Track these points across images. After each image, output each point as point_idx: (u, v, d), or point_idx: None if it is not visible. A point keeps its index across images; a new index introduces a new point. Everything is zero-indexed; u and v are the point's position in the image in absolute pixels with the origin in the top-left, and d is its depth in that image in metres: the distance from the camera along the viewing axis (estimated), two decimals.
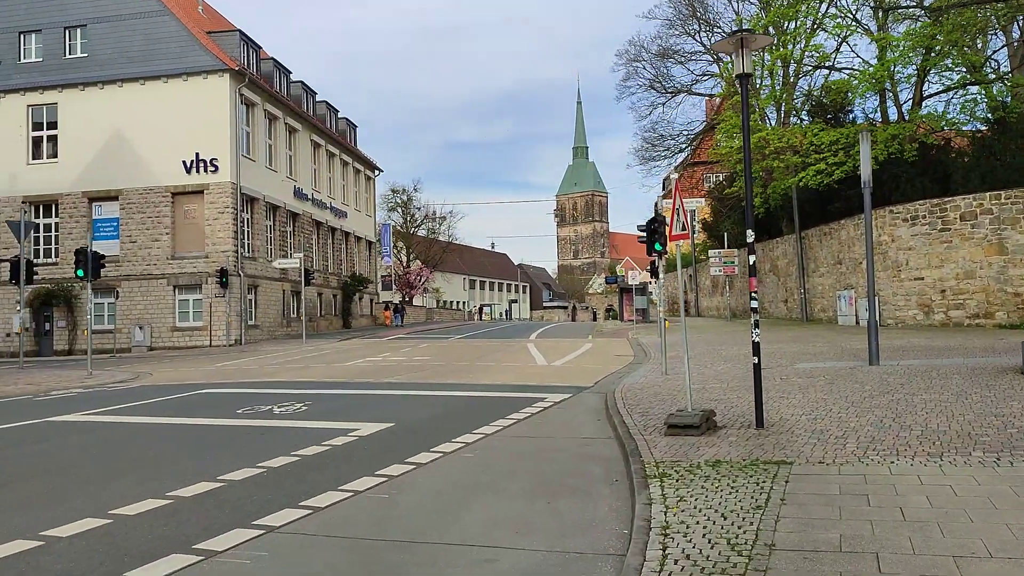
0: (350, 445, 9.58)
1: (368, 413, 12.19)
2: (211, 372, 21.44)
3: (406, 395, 14.47)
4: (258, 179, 37.37)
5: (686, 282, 63.55)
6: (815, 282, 34.99)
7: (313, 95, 47.26)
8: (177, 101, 34.82)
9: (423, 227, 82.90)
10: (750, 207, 9.02)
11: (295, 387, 16.22)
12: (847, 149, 30.38)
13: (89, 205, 35.87)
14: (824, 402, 11.01)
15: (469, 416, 11.76)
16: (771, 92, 34.75)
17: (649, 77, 45.89)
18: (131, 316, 34.91)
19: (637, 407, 11.61)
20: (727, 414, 10.42)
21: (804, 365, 16.68)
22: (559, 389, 14.78)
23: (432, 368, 20.20)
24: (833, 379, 13.77)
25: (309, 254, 43.73)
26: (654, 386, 14.19)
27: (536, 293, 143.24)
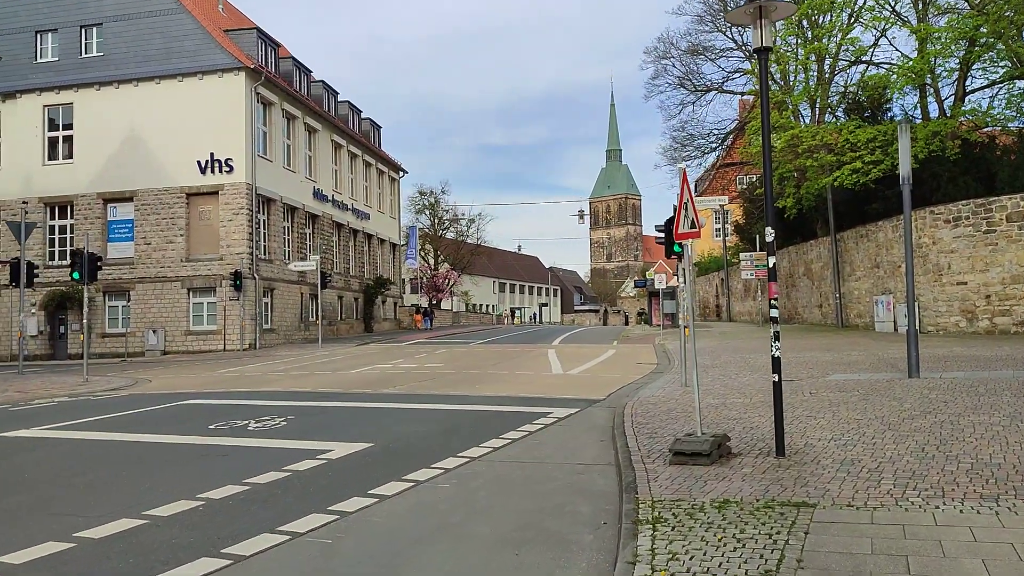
0: (314, 471, 8.50)
1: (350, 431, 11.12)
2: (210, 379, 20.55)
3: (401, 408, 13.38)
4: (275, 180, 36.61)
5: (718, 286, 61.91)
6: (851, 286, 33.39)
7: (335, 95, 46.49)
8: (192, 100, 34.19)
9: (451, 230, 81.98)
10: (770, 200, 7.82)
11: (285, 398, 15.21)
12: (884, 147, 28.84)
13: (104, 206, 35.36)
14: (857, 424, 9.72)
15: (460, 435, 10.65)
16: (804, 88, 33.20)
17: (679, 75, 44.48)
18: (145, 319, 34.31)
19: (646, 426, 10.41)
20: (745, 437, 9.19)
21: (837, 377, 15.34)
22: (567, 403, 13.61)
23: (440, 377, 19.12)
24: (868, 394, 12.45)
25: (329, 256, 42.95)
26: (670, 400, 12.98)
27: (567, 296, 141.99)
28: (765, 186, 7.83)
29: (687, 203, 8.04)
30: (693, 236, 8.21)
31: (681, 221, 8.04)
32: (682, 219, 8.04)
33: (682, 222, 8.05)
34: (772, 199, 7.82)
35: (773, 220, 7.84)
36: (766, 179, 7.88)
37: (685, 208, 8.03)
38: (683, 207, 7.98)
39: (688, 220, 8.09)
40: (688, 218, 8.08)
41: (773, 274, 7.86)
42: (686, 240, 8.15)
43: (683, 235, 8.11)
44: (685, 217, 8.07)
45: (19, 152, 36.00)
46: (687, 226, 8.08)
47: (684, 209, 8.01)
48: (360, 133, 50.10)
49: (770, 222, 7.86)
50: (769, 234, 7.86)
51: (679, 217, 8.04)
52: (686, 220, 8.07)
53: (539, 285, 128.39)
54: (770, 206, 7.76)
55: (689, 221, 8.10)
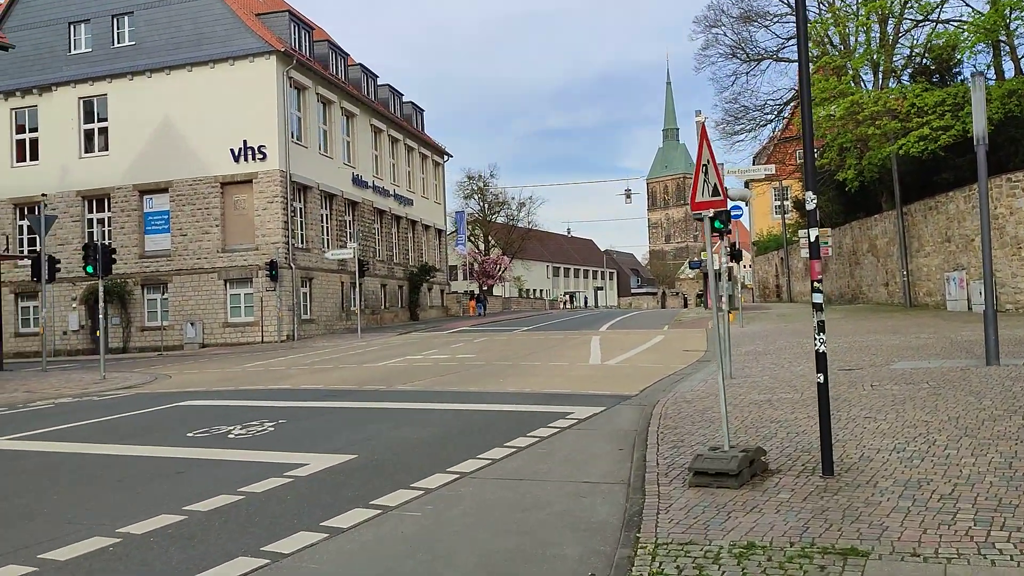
0: (272, 493, 7.25)
1: (339, 438, 9.88)
2: (229, 375, 19.64)
3: (407, 409, 12.11)
4: (311, 166, 35.69)
5: (777, 265, 59.42)
6: (919, 263, 31.09)
7: (374, 78, 45.41)
8: (224, 87, 33.42)
9: (501, 214, 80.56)
10: (810, 153, 6.27)
11: (289, 397, 14.08)
12: (955, 111, 26.56)
13: (140, 198, 34.89)
14: (925, 427, 8.10)
15: (461, 441, 9.33)
16: (866, 50, 30.85)
17: (730, 44, 42.16)
18: (183, 312, 33.78)
19: (674, 431, 8.95)
20: (788, 446, 7.66)
21: (903, 365, 13.60)
22: (594, 400, 12.19)
23: (467, 370, 17.83)
24: (939, 387, 10.75)
25: (370, 244, 42.01)
26: (709, 397, 11.45)
27: (624, 279, 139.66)
28: (804, 140, 6.28)
29: (707, 164, 6.51)
30: (717, 206, 6.67)
31: (700, 187, 6.51)
32: (700, 184, 6.51)
33: (700, 188, 6.52)
34: (812, 156, 6.26)
35: (812, 181, 6.28)
36: (805, 132, 6.33)
37: (705, 170, 6.51)
38: (701, 169, 6.45)
39: (709, 185, 6.56)
40: (709, 183, 6.55)
41: (816, 249, 6.31)
42: (706, 211, 6.62)
43: (703, 204, 6.57)
44: (705, 181, 6.54)
45: (56, 146, 35.73)
46: (707, 193, 6.55)
47: (703, 172, 6.48)
48: (401, 117, 48.96)
49: (810, 185, 6.31)
50: (810, 200, 6.31)
51: (696, 181, 6.52)
52: (707, 185, 6.54)
53: (594, 268, 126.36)
54: (810, 161, 6.20)
55: (711, 187, 6.57)
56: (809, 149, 6.31)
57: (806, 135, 6.35)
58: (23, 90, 36.14)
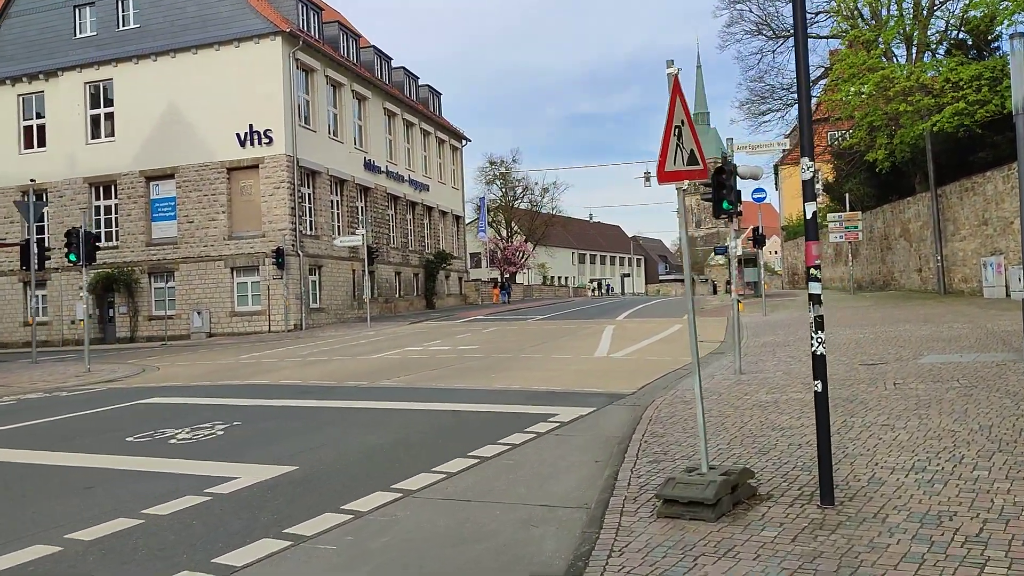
0: (177, 517, 6.23)
1: (286, 445, 8.86)
2: (217, 368, 18.79)
3: (377, 409, 11.08)
4: (320, 151, 34.75)
5: None
6: (954, 247, 29.47)
7: (388, 60, 44.34)
8: (229, 69, 32.54)
9: (524, 200, 79.20)
10: (805, 110, 5.09)
11: (259, 395, 13.10)
12: (993, 85, 24.89)
13: (146, 184, 34.19)
14: (952, 438, 6.88)
15: (421, 450, 8.28)
16: (898, 22, 29.16)
17: (755, 19, 40.30)
18: (190, 301, 33.09)
19: (661, 440, 7.83)
20: (786, 463, 6.49)
21: (932, 359, 12.32)
22: (585, 399, 11.08)
23: (463, 363, 16.79)
24: (971, 386, 9.50)
25: (384, 231, 41.07)
26: (713, 396, 10.30)
27: (651, 266, 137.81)
28: (799, 91, 5.10)
29: (680, 125, 5.33)
30: (694, 177, 5.49)
31: (671, 153, 5.33)
32: (672, 149, 5.33)
33: (672, 154, 5.34)
34: (809, 109, 5.07)
35: (809, 145, 5.10)
36: (800, 86, 5.15)
37: (678, 133, 5.33)
38: (673, 131, 5.28)
39: (684, 152, 5.38)
40: (684, 148, 5.37)
41: (813, 229, 5.14)
42: (677, 182, 5.43)
43: (675, 174, 5.38)
44: (679, 147, 5.36)
45: (63, 132, 35.15)
46: (680, 161, 5.37)
47: (676, 135, 5.31)
48: (417, 100, 47.87)
49: (806, 151, 5.12)
50: (806, 168, 5.12)
51: (666, 146, 5.32)
52: (680, 151, 5.36)
53: (621, 255, 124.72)
54: (806, 118, 5.02)
55: (686, 153, 5.39)
56: (806, 100, 5.13)
57: (801, 90, 5.16)
58: (29, 76, 35.57)
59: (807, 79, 5.17)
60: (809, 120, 5.17)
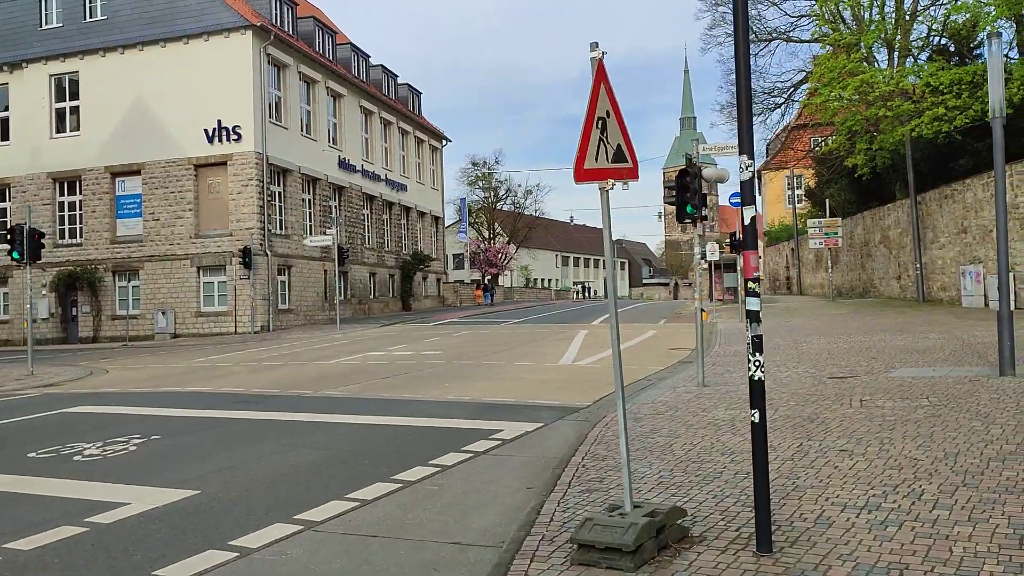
0: (37, 555, 5.53)
1: (198, 465, 8.15)
2: (166, 373, 18.05)
3: (311, 422, 10.37)
4: (291, 148, 33.96)
5: (788, 256, 57.26)
6: (934, 255, 29.03)
7: (365, 58, 43.58)
8: (198, 64, 31.71)
9: (507, 201, 78.54)
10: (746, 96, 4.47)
11: (193, 404, 12.36)
12: (973, 90, 24.42)
13: (112, 180, 33.31)
14: (913, 467, 6.27)
15: (343, 471, 7.62)
16: (878, 25, 28.69)
17: None
18: (155, 300, 32.23)
19: (601, 463, 7.20)
20: (731, 495, 5.86)
21: (903, 372, 11.77)
22: (537, 412, 10.45)
23: (421, 370, 16.12)
24: (941, 405, 8.92)
25: (359, 231, 40.30)
26: (668, 411, 9.72)
27: (635, 270, 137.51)
28: (737, 78, 4.47)
29: (605, 117, 4.68)
30: (621, 176, 4.83)
31: (592, 148, 4.66)
32: (594, 143, 4.67)
33: (594, 149, 4.67)
34: (749, 100, 4.45)
35: (748, 141, 4.46)
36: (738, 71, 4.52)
37: (601, 125, 4.67)
38: (595, 123, 4.62)
39: (610, 147, 4.72)
40: (610, 143, 4.72)
41: (752, 235, 4.50)
42: (600, 182, 4.76)
43: (594, 173, 4.71)
44: (603, 141, 4.70)
45: (27, 126, 34.24)
46: (607, 157, 4.71)
47: (599, 126, 4.65)
48: (396, 99, 47.11)
49: (744, 147, 4.49)
50: (744, 167, 4.49)
51: (587, 140, 4.65)
52: (605, 146, 4.70)
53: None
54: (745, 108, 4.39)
55: (612, 149, 4.73)
56: (745, 89, 4.49)
57: (740, 78, 4.53)
58: None
59: (747, 65, 4.53)
60: (748, 113, 4.54)
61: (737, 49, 4.51)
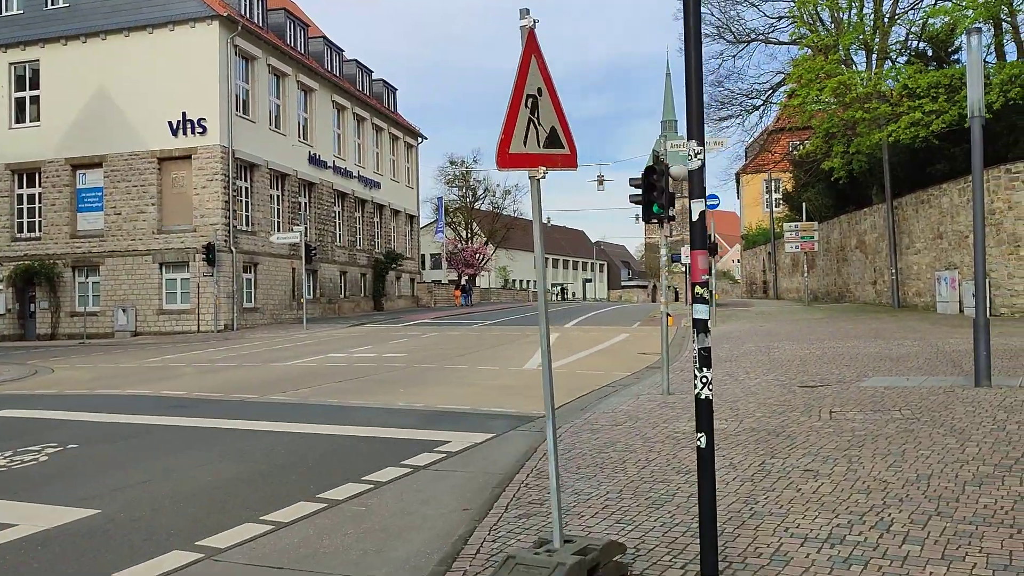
0: None
1: (111, 477, 7.49)
2: (113, 373, 17.30)
3: (247, 431, 9.71)
4: (259, 143, 33.15)
5: (764, 260, 57.03)
6: (909, 260, 28.73)
7: (339, 52, 42.80)
8: (163, 54, 30.85)
9: (484, 201, 77.79)
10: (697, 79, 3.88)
11: (125, 409, 11.64)
12: (950, 94, 24.10)
13: (73, 173, 32.36)
14: (883, 491, 5.72)
15: (266, 487, 6.98)
16: (856, 26, 28.32)
17: (716, 23, 39.41)
18: (115, 297, 31.32)
19: (547, 482, 6.55)
20: (680, 523, 5.27)
21: (875, 382, 11.29)
22: (490, 422, 9.86)
23: (378, 373, 15.50)
24: (914, 417, 8.42)
25: (329, 228, 39.53)
26: (628, 422, 9.14)
27: (614, 272, 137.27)
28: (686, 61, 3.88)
29: (536, 95, 4.09)
30: (555, 163, 4.24)
31: (518, 129, 4.06)
32: (522, 125, 4.07)
33: (522, 131, 4.07)
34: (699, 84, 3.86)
35: (698, 128, 3.88)
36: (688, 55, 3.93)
37: (531, 104, 4.07)
38: (523, 101, 4.03)
39: (541, 130, 4.13)
40: (541, 126, 4.12)
41: (700, 234, 3.92)
42: (531, 168, 4.16)
43: (521, 158, 4.11)
44: (534, 122, 4.11)
45: None
46: (535, 141, 4.11)
47: (527, 105, 4.05)
48: (371, 95, 46.35)
49: (694, 133, 3.91)
50: (692, 154, 3.91)
51: (513, 119, 4.04)
52: (534, 128, 4.10)
53: (584, 260, 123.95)
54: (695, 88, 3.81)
55: (543, 132, 4.13)
56: (696, 67, 3.90)
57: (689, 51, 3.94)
58: None
59: (697, 39, 3.94)
60: (699, 97, 3.95)
61: (687, 19, 3.92)
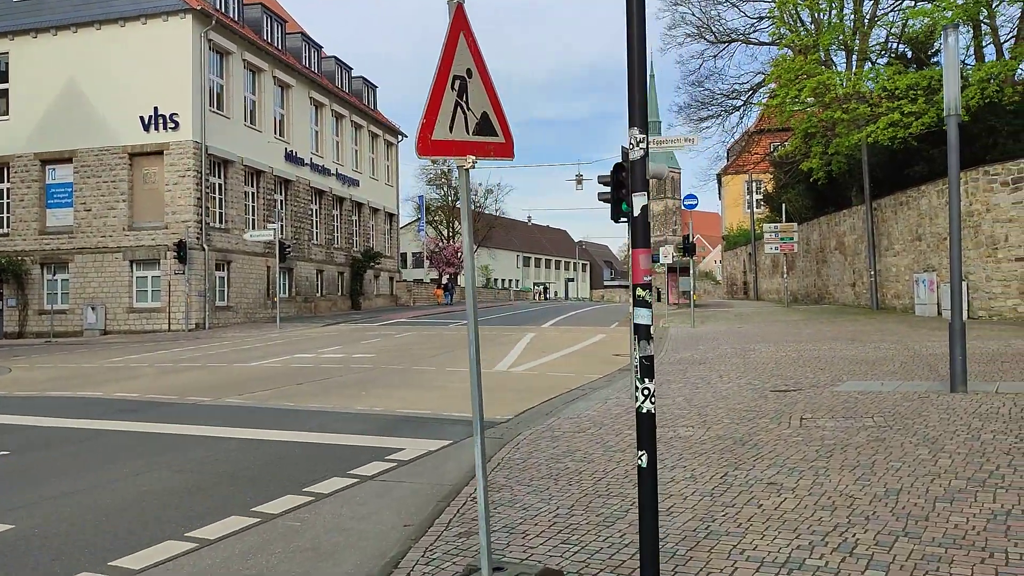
0: None
1: (36, 488, 7.05)
2: (72, 374, 16.78)
3: (191, 437, 9.28)
4: (233, 139, 32.59)
5: (745, 261, 56.92)
6: (888, 262, 28.56)
7: (317, 48, 42.25)
8: (135, 47, 30.25)
9: None
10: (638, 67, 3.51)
11: (74, 412, 11.22)
12: (929, 95, 23.92)
13: (42, 168, 31.70)
14: (849, 508, 5.38)
15: (198, 500, 6.57)
16: (835, 26, 28.11)
17: (696, 23, 39.18)
18: (85, 295, 30.71)
19: (496, 494, 6.23)
20: (631, 543, 4.90)
21: (850, 386, 11.00)
22: (449, 428, 9.52)
23: (342, 375, 15.08)
24: (886, 425, 8.11)
25: (306, 226, 39.00)
26: (592, 428, 8.80)
27: (597, 271, 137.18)
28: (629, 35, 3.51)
29: (465, 77, 3.71)
30: (486, 153, 3.86)
31: (442, 114, 3.67)
32: (445, 109, 3.68)
33: (445, 116, 3.68)
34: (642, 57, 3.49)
35: (641, 112, 3.52)
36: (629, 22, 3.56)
37: (458, 85, 3.70)
38: (449, 83, 3.65)
39: (470, 115, 3.75)
40: (470, 111, 3.74)
41: (642, 231, 3.56)
42: (459, 157, 3.77)
43: (446, 146, 3.72)
44: (459, 107, 3.73)
45: None
46: (465, 128, 3.73)
47: (453, 86, 3.68)
48: (350, 92, 45.81)
49: (636, 119, 3.53)
50: (634, 142, 3.53)
51: (437, 101, 3.65)
52: (462, 113, 3.72)
53: (566, 260, 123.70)
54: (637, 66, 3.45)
55: (473, 117, 3.75)
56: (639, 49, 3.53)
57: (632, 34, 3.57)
58: None
59: (640, 21, 3.57)
60: (642, 75, 3.58)
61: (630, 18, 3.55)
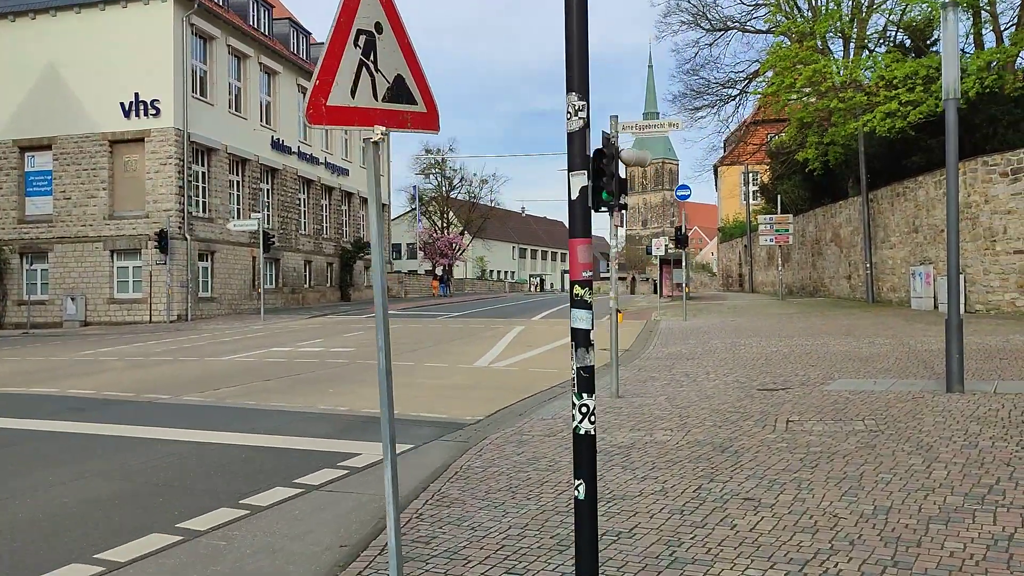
0: None
1: None
2: (38, 367, 16.22)
3: (135, 439, 8.70)
4: (217, 126, 31.92)
5: (740, 253, 56.35)
6: (884, 255, 28.02)
7: (306, 35, 41.53)
8: (115, 32, 29.59)
9: (460, 191, 76.63)
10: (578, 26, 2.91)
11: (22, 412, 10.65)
12: (927, 84, 23.34)
13: (20, 155, 31.05)
14: (832, 529, 4.82)
15: (121, 513, 6.01)
16: (831, 12, 27.49)
17: (692, 11, 38.53)
18: (64, 285, 30.09)
19: (447, 508, 5.67)
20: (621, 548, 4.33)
21: (841, 385, 10.47)
22: (415, 430, 8.91)
23: (314, 371, 14.54)
24: (878, 430, 7.57)
25: (294, 216, 38.36)
26: (566, 430, 8.23)
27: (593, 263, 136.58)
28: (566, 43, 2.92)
29: (373, 32, 3.11)
30: (402, 124, 3.26)
31: (342, 75, 3.05)
32: (346, 70, 3.08)
33: (346, 79, 3.07)
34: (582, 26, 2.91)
35: (581, 76, 2.92)
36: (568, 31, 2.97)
37: (365, 45, 3.09)
38: (351, 40, 3.03)
39: (380, 78, 3.14)
40: (380, 73, 3.13)
41: (581, 218, 2.98)
42: (365, 127, 3.18)
43: (345, 114, 3.10)
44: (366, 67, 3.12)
45: None
46: (373, 93, 3.11)
47: (357, 46, 3.07)
48: None
49: (575, 84, 2.95)
50: (573, 111, 2.94)
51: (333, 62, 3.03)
52: (369, 76, 3.12)
53: (563, 251, 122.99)
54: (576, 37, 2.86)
55: (384, 80, 3.14)
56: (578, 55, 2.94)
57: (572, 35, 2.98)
58: None
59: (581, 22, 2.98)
60: (581, 36, 2.98)
61: None
